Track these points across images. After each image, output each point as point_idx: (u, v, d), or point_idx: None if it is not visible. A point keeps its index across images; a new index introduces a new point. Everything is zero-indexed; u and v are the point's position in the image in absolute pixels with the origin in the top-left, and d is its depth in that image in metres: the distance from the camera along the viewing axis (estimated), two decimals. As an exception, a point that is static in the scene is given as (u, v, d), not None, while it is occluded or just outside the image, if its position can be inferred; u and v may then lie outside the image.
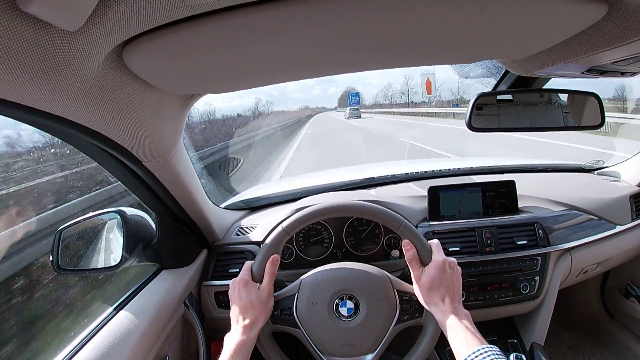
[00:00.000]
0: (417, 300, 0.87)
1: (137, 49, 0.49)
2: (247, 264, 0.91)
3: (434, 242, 0.89)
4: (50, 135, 0.76)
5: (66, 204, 2.78)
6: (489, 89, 1.10)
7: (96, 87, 0.53)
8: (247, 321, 0.83)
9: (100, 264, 1.04)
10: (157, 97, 0.68)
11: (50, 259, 0.92)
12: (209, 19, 0.46)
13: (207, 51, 0.54)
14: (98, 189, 3.13)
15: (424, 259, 0.87)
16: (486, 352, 0.69)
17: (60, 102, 0.50)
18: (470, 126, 1.00)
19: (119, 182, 0.90)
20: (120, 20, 0.41)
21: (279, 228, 0.92)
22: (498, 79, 1.07)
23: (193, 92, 0.77)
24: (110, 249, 1.05)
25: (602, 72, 0.82)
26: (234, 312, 0.86)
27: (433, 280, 0.83)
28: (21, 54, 0.39)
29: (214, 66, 0.60)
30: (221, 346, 0.82)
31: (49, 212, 2.62)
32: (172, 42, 0.48)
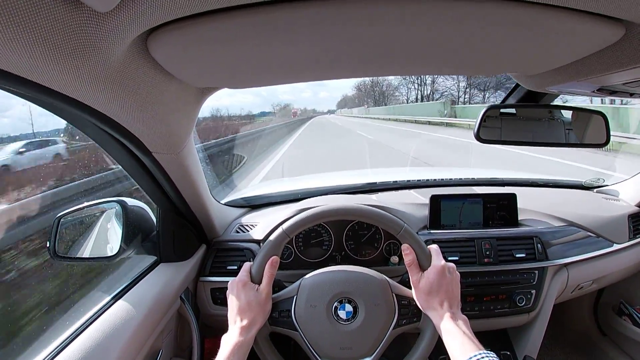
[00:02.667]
0: (416, 304, 0.87)
1: (163, 37, 0.49)
2: (246, 265, 0.91)
3: (434, 247, 0.89)
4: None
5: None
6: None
7: (118, 73, 0.52)
8: (244, 322, 0.82)
9: (98, 254, 1.03)
10: (176, 88, 0.67)
11: (48, 245, 0.91)
12: (238, 12, 0.45)
13: (232, 45, 0.53)
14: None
15: (423, 263, 0.87)
16: (483, 358, 0.69)
17: (82, 86, 0.50)
18: (479, 137, 1.00)
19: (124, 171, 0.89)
20: (152, 5, 0.41)
21: (280, 230, 0.92)
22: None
23: (212, 86, 0.77)
24: (108, 238, 1.04)
25: (612, 92, 0.83)
26: (232, 313, 0.85)
27: (432, 284, 0.83)
28: (49, 32, 0.38)
29: (236, 61, 0.60)
30: (215, 343, 0.81)
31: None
32: (199, 33, 0.48)
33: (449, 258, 1.19)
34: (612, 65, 0.63)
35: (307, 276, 0.93)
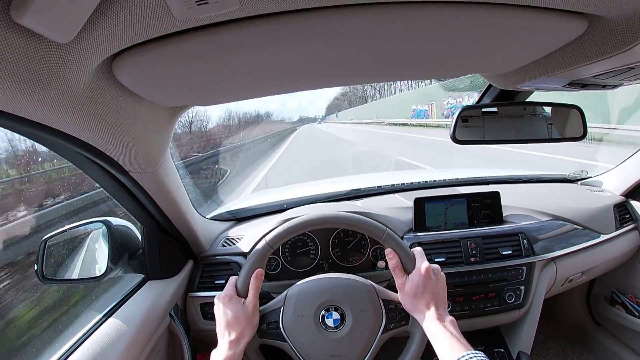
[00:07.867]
0: (403, 308, 0.87)
1: (127, 61, 0.49)
2: (232, 279, 0.91)
3: (417, 250, 0.89)
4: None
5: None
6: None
7: (86, 98, 0.53)
8: (233, 336, 0.82)
9: (85, 274, 1.03)
10: (146, 108, 0.68)
11: (35, 268, 0.90)
12: (199, 33, 0.47)
13: (195, 64, 0.54)
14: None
15: (407, 266, 0.87)
16: (471, 358, 0.69)
17: (50, 113, 0.50)
18: (455, 139, 1.00)
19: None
20: (111, 33, 0.42)
21: (263, 242, 0.92)
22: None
23: (181, 104, 0.78)
24: (95, 259, 1.04)
25: (583, 85, 0.84)
26: (220, 328, 0.85)
27: (417, 287, 0.83)
28: (13, 65, 0.39)
29: (201, 79, 0.61)
30: (207, 358, 0.81)
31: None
32: (161, 55, 0.49)
33: (436, 259, 1.20)
34: (579, 58, 0.64)
35: (293, 286, 0.93)
